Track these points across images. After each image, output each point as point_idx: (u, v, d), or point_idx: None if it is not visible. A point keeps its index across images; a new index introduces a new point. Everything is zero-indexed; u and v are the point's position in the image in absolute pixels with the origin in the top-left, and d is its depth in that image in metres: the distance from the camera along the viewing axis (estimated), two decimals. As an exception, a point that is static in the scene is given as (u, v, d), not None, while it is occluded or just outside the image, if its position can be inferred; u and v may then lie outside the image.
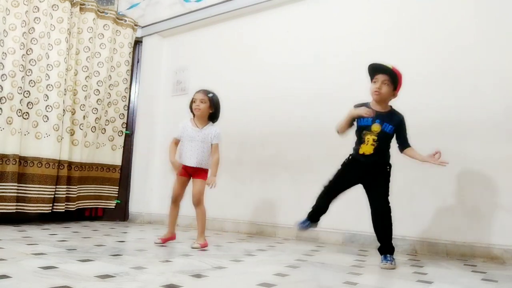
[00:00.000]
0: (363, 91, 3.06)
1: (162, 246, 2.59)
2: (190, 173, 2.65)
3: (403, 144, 2.26)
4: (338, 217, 2.82)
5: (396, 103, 2.41)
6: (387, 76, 2.20)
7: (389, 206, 2.20)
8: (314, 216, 2.40)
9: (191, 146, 2.61)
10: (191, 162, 2.60)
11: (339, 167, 2.37)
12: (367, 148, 2.22)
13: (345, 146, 3.03)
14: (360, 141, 2.27)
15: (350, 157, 2.34)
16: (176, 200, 2.70)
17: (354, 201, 2.48)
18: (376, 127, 2.21)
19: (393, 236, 2.23)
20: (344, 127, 2.32)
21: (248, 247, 2.68)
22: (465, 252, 2.55)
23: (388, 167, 2.27)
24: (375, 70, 2.25)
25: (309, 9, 3.53)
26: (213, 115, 2.68)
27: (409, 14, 3.02)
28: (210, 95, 2.65)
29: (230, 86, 3.89)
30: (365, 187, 2.29)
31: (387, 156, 2.29)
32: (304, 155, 3.34)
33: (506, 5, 2.64)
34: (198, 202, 2.58)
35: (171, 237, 2.75)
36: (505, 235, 2.46)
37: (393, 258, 2.14)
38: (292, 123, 3.44)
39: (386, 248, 2.17)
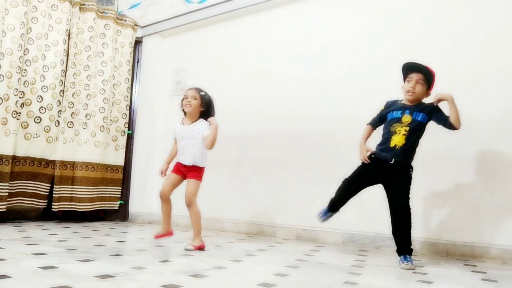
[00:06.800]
0: (363, 91, 3.09)
1: (159, 246, 2.59)
2: (184, 172, 2.60)
3: (446, 121, 2.18)
4: (338, 217, 2.81)
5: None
6: (421, 75, 2.20)
7: (409, 207, 2.19)
8: (334, 207, 2.43)
9: (182, 145, 2.57)
10: (185, 160, 2.56)
11: (360, 163, 2.36)
12: (399, 139, 2.20)
13: (345, 145, 3.05)
14: (390, 134, 2.25)
15: (373, 156, 2.31)
16: (163, 196, 2.61)
17: (354, 201, 2.47)
18: (406, 118, 2.21)
19: (392, 236, 2.26)
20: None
21: (248, 247, 2.68)
22: (465, 252, 2.55)
23: (411, 170, 2.26)
24: (409, 68, 2.24)
25: (310, 9, 3.53)
26: (204, 113, 2.59)
27: (408, 14, 3.02)
28: (203, 93, 2.59)
29: (230, 86, 3.89)
30: (386, 187, 2.29)
31: (414, 152, 2.27)
32: (304, 155, 3.34)
33: (506, 5, 2.64)
34: (189, 203, 2.52)
35: (167, 233, 2.69)
36: (505, 235, 2.46)
37: (412, 259, 2.14)
38: (292, 123, 3.44)
39: (406, 248, 2.16)
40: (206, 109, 2.58)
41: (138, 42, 4.51)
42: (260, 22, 3.83)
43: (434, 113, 2.22)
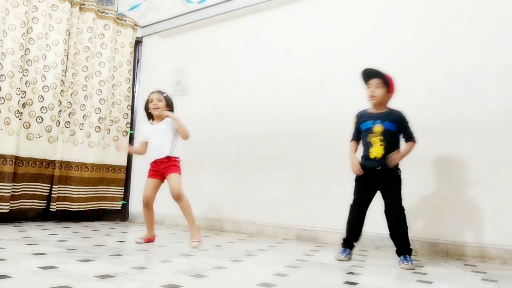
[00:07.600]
0: (363, 91, 3.08)
1: (160, 246, 2.59)
2: (161, 172, 2.66)
3: (406, 139, 2.29)
4: (338, 217, 2.81)
5: (398, 104, 2.42)
6: (379, 80, 2.29)
7: (403, 207, 2.23)
8: (349, 243, 2.37)
9: (155, 142, 2.68)
10: (158, 154, 2.65)
11: (354, 183, 2.38)
12: (378, 150, 2.25)
13: (345, 145, 3.04)
14: (368, 145, 2.31)
15: (362, 166, 2.33)
16: (147, 204, 2.71)
17: (354, 201, 2.47)
18: (378, 128, 2.27)
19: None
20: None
21: (248, 247, 2.68)
22: (465, 252, 2.55)
23: (398, 171, 2.29)
24: (367, 76, 2.34)
25: (310, 9, 3.53)
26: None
27: (407, 14, 3.02)
28: (165, 94, 2.78)
29: (230, 86, 3.90)
30: (380, 192, 2.32)
31: None
32: (304, 155, 3.34)
33: (506, 5, 2.64)
34: (177, 196, 2.57)
35: (150, 239, 2.75)
36: (505, 235, 2.46)
37: (412, 259, 2.16)
38: (292, 123, 3.44)
39: (405, 249, 2.18)
40: (170, 109, 2.77)
41: (138, 42, 4.51)
42: (260, 22, 3.83)
43: (402, 125, 2.28)
